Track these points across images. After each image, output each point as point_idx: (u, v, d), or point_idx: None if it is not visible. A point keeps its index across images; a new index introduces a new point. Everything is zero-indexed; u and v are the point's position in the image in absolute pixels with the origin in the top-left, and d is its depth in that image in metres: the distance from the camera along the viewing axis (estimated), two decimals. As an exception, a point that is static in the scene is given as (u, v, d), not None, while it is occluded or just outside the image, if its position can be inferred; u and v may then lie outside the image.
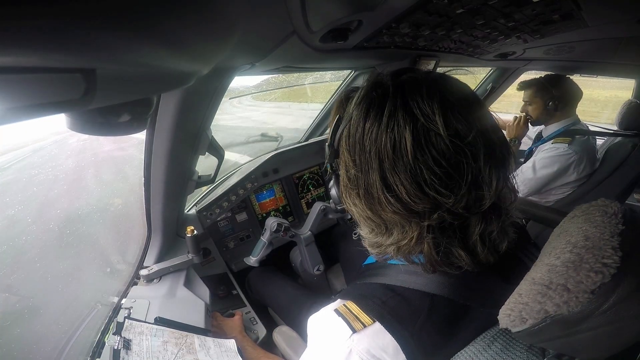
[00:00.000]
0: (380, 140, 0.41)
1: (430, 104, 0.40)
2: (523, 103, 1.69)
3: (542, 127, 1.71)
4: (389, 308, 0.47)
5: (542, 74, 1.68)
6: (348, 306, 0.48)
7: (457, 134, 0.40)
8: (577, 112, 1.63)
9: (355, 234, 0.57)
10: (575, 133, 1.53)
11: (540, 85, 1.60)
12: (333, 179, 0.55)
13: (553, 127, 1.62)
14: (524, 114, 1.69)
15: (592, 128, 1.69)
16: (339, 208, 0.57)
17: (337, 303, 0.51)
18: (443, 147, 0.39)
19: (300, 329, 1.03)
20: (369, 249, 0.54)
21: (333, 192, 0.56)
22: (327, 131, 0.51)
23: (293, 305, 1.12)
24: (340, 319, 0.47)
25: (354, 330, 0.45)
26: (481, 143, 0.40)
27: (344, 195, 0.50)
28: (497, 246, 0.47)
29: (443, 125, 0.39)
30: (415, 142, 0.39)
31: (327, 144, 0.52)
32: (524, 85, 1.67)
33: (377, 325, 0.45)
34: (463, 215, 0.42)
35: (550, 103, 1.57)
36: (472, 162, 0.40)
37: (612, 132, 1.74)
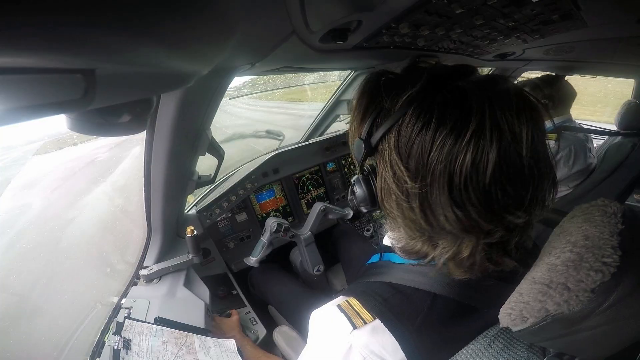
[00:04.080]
0: (456, 157, 0.36)
1: (519, 121, 0.36)
2: None
3: None
4: (390, 305, 0.47)
5: (542, 74, 1.69)
6: (350, 302, 0.49)
7: (537, 155, 0.38)
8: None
9: (368, 230, 0.54)
10: (565, 129, 1.53)
11: (532, 85, 1.62)
12: (361, 177, 0.48)
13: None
14: None
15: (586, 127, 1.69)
16: (363, 210, 0.52)
17: (340, 299, 0.51)
18: (520, 168, 0.37)
19: (301, 327, 1.04)
20: (398, 252, 0.51)
21: (360, 192, 0.49)
22: (345, 122, 0.42)
23: (295, 302, 1.12)
24: (342, 314, 0.47)
25: (355, 326, 0.45)
26: (547, 164, 0.40)
27: (383, 200, 0.45)
28: (526, 249, 0.47)
29: (528, 146, 0.36)
30: (498, 162, 0.36)
31: (359, 137, 0.45)
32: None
33: (377, 322, 0.45)
34: (518, 230, 0.42)
35: (542, 102, 1.58)
36: (537, 182, 0.38)
37: (610, 131, 1.74)
